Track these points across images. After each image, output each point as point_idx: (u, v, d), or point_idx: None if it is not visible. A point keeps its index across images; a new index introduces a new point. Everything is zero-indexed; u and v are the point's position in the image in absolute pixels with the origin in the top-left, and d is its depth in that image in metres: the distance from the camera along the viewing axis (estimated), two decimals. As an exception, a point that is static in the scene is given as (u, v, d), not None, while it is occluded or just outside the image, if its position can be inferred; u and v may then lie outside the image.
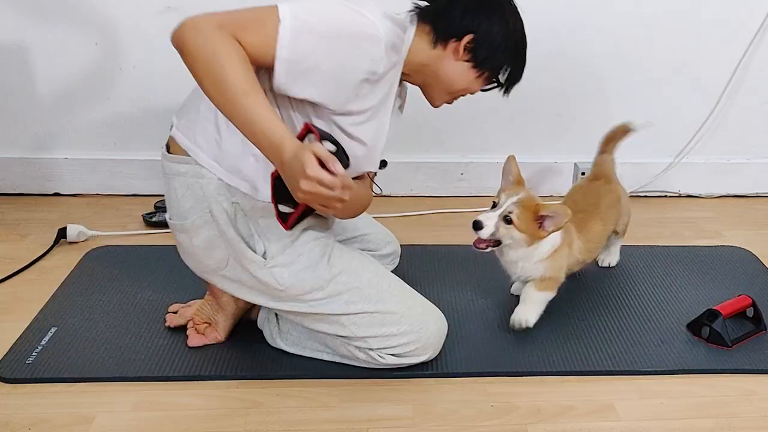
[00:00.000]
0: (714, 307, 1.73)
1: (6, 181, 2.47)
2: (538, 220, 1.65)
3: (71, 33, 2.28)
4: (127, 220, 2.31)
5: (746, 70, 2.45)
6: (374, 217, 1.89)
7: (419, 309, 1.57)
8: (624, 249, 2.14)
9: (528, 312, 1.73)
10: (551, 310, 1.82)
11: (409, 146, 2.49)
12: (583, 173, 2.55)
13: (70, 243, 2.14)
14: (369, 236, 1.80)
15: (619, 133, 2.03)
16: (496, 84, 1.58)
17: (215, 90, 1.25)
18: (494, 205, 1.68)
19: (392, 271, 1.80)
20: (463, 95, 1.59)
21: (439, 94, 1.56)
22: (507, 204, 1.66)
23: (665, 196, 2.63)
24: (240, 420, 1.45)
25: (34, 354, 1.61)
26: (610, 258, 2.08)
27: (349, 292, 1.51)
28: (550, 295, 1.77)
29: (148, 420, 1.44)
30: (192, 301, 1.76)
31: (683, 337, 1.74)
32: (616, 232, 2.00)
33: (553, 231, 1.66)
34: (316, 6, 1.34)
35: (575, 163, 2.57)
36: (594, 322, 1.79)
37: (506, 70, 1.56)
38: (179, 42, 1.26)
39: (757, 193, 2.64)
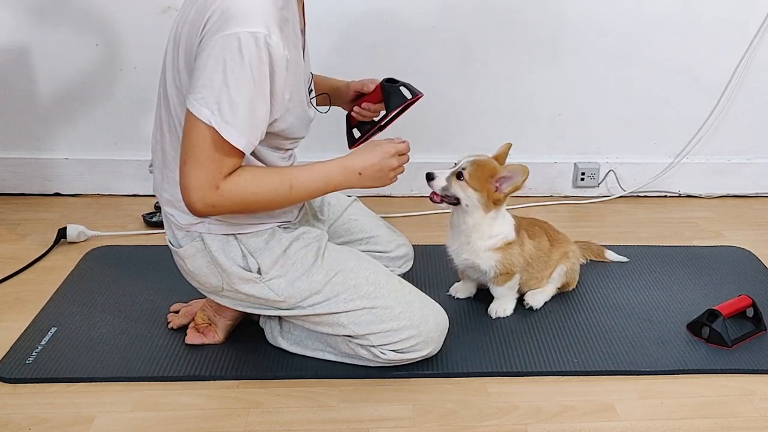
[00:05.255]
0: (714, 307, 1.73)
1: (6, 181, 2.47)
2: (495, 182, 1.63)
3: (72, 34, 2.28)
4: (127, 220, 2.31)
5: (746, 71, 2.45)
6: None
7: (417, 304, 1.57)
8: (624, 249, 2.14)
9: (504, 304, 1.81)
10: (551, 309, 1.83)
11: (410, 146, 2.49)
12: (583, 173, 2.55)
13: (70, 243, 2.14)
14: (377, 238, 1.79)
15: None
16: None
17: (280, 209, 1.46)
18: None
19: (403, 274, 1.80)
20: None
21: None
22: (462, 161, 1.65)
23: (665, 196, 2.63)
24: (240, 420, 1.45)
25: (34, 354, 1.61)
26: (534, 300, 1.85)
27: (347, 291, 1.51)
28: (514, 282, 1.77)
29: (148, 420, 1.44)
30: (193, 301, 1.77)
31: (683, 337, 1.74)
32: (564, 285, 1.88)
33: (510, 191, 1.62)
34: (216, 80, 1.26)
35: (575, 164, 2.57)
36: (594, 322, 1.79)
37: None
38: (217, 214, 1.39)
39: (757, 193, 2.64)
